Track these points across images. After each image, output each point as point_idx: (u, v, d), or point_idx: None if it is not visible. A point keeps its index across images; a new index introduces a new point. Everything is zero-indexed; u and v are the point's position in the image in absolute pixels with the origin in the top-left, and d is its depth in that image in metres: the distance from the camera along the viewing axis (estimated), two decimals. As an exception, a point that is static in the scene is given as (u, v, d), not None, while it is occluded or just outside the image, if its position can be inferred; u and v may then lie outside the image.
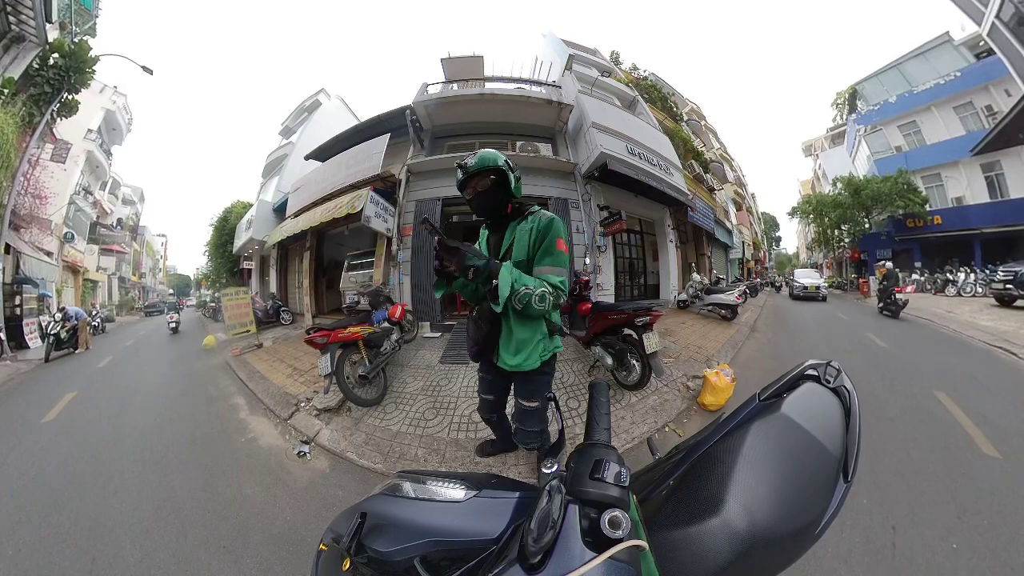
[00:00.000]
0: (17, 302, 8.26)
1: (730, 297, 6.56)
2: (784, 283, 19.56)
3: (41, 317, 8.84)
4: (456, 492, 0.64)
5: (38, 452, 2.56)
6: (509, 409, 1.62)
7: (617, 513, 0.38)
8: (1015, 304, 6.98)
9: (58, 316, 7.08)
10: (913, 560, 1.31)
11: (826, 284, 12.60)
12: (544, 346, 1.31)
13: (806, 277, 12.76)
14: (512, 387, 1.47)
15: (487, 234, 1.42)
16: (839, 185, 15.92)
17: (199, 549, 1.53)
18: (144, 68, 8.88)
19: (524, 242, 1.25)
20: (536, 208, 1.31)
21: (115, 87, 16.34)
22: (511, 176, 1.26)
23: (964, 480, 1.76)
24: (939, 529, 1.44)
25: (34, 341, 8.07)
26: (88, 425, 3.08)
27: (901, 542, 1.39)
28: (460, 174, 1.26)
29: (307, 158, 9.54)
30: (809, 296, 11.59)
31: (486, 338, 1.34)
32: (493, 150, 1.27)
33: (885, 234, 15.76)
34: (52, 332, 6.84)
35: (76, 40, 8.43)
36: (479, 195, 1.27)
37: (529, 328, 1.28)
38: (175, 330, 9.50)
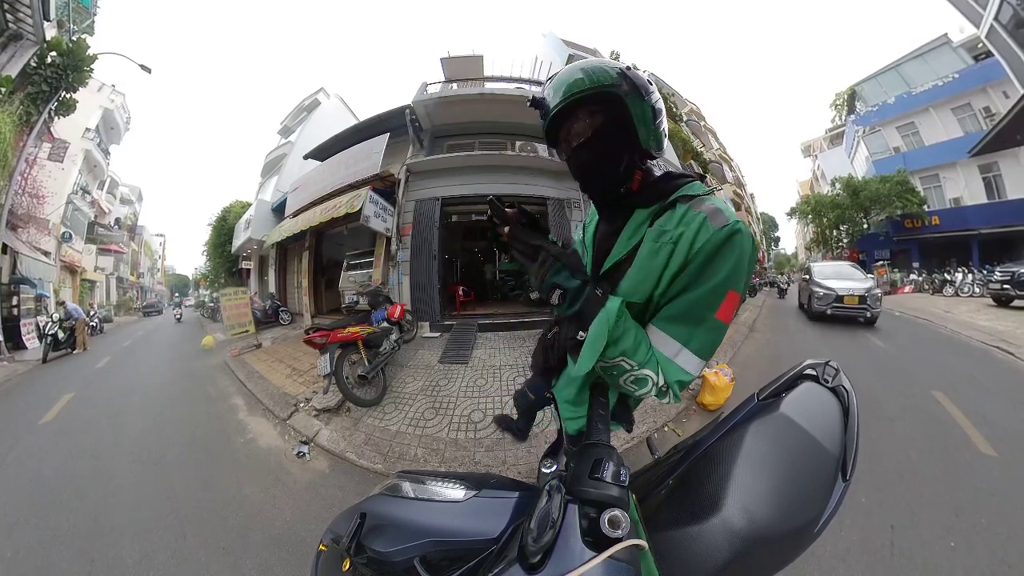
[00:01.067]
0: (14, 302, 8.22)
1: (729, 297, 6.52)
2: (787, 284, 13.40)
3: (39, 317, 8.81)
4: (456, 492, 0.64)
5: (36, 453, 2.55)
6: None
7: (616, 512, 0.38)
8: (1012, 304, 7.01)
9: (55, 316, 7.07)
10: (912, 559, 1.32)
11: (879, 291, 6.18)
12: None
13: (840, 279, 6.58)
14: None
15: (596, 222, 0.78)
16: (837, 186, 15.98)
17: (198, 550, 1.52)
18: (143, 67, 8.85)
19: (655, 265, 0.59)
20: (699, 191, 0.62)
21: (113, 86, 16.28)
22: (640, 108, 0.59)
23: (962, 479, 1.77)
24: (937, 528, 1.45)
25: (31, 341, 8.04)
26: (87, 426, 3.07)
27: (900, 541, 1.39)
28: (541, 117, 0.64)
29: (306, 157, 9.52)
30: (846, 314, 6.08)
31: (551, 370, 0.87)
32: (600, 60, 0.60)
33: (883, 234, 15.81)
34: (50, 332, 6.80)
35: (74, 38, 8.40)
36: (576, 152, 0.63)
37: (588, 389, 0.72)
38: (179, 319, 13.67)
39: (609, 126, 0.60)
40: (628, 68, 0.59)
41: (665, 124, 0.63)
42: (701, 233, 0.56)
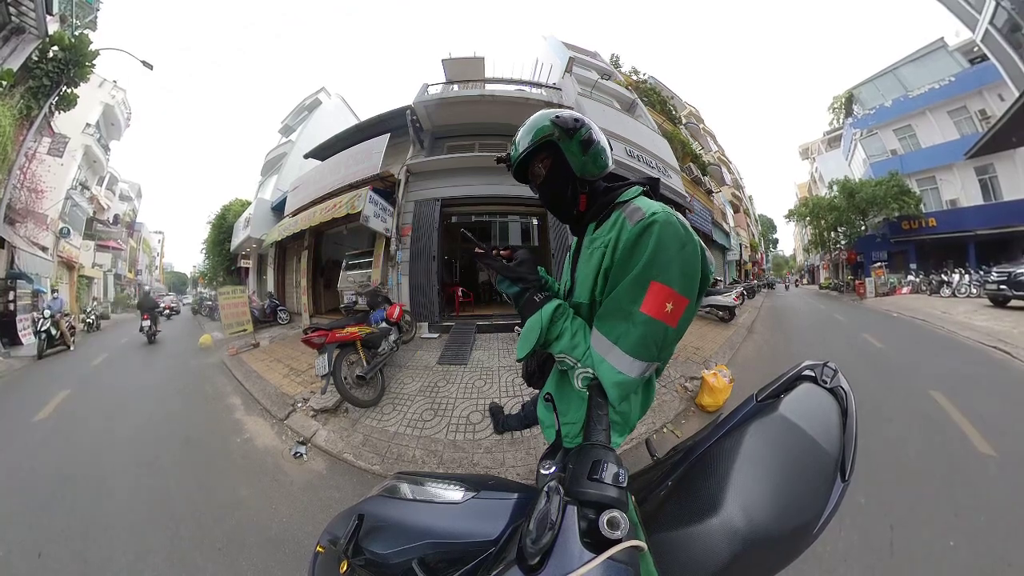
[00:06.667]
0: (11, 297, 8.17)
1: (728, 299, 6.60)
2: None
3: (34, 313, 8.75)
4: (454, 493, 0.64)
5: (30, 451, 2.53)
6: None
7: (616, 514, 0.38)
8: (1009, 304, 7.05)
9: (47, 312, 7.09)
10: (912, 558, 1.32)
11: None
12: (571, 430, 0.76)
13: None
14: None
15: (575, 243, 0.86)
16: (835, 188, 16.05)
17: (193, 551, 1.51)
18: (144, 63, 8.82)
19: (590, 268, 0.68)
20: (631, 195, 0.69)
21: (115, 81, 16.21)
22: (568, 146, 0.69)
23: (961, 478, 1.77)
24: (937, 527, 1.45)
25: (27, 337, 7.98)
26: (81, 424, 3.04)
27: (899, 540, 1.39)
28: (508, 170, 0.80)
29: (306, 157, 9.51)
30: None
31: (532, 375, 0.92)
32: (543, 112, 0.73)
33: (881, 236, 15.89)
34: (43, 329, 6.80)
35: (76, 33, 8.36)
36: (539, 190, 0.78)
37: (567, 399, 0.76)
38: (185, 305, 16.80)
39: (554, 166, 0.73)
40: (557, 117, 0.71)
41: (602, 146, 0.72)
42: (622, 233, 0.61)
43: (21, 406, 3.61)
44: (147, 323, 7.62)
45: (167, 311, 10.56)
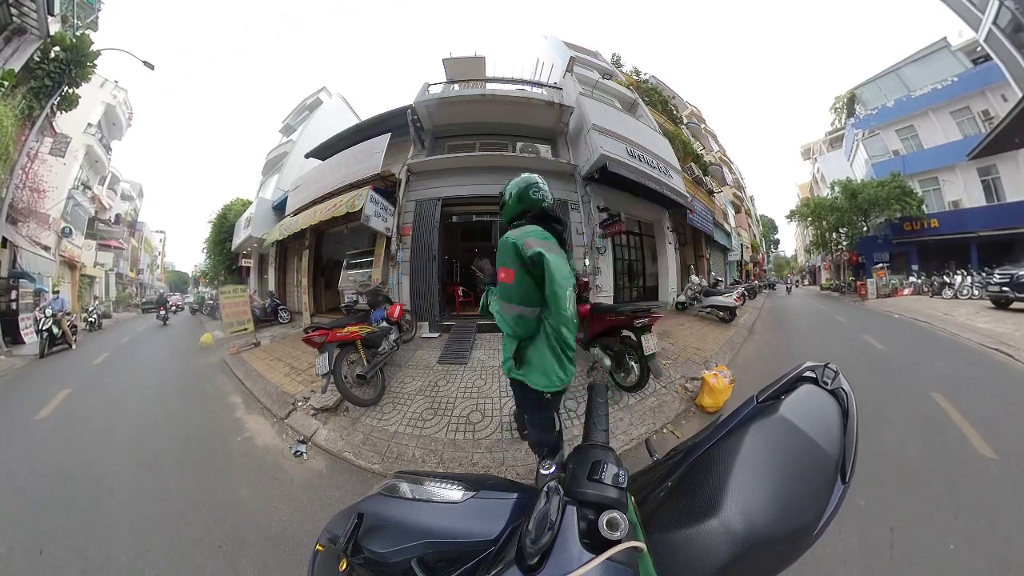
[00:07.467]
0: (13, 297, 8.20)
1: (728, 299, 6.58)
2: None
3: (36, 312, 8.79)
4: (453, 493, 0.64)
5: (31, 450, 2.54)
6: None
7: (615, 514, 0.38)
8: (1011, 306, 7.02)
9: (48, 311, 7.12)
10: (911, 560, 1.32)
11: None
12: (509, 366, 1.33)
13: None
14: None
15: None
16: (836, 189, 16.00)
17: (194, 549, 1.51)
18: (145, 63, 8.84)
19: None
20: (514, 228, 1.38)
21: (116, 81, 16.24)
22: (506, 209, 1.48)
23: (961, 480, 1.77)
24: (937, 529, 1.45)
25: (30, 336, 8.00)
26: (82, 423, 3.05)
27: (899, 543, 1.39)
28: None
29: (307, 156, 9.52)
30: None
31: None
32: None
33: (882, 237, 15.84)
34: (44, 328, 6.83)
35: (78, 34, 8.39)
36: None
37: (506, 343, 1.38)
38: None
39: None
40: (503, 193, 1.50)
41: (505, 211, 1.48)
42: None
43: (22, 405, 3.63)
44: (162, 312, 11.86)
45: (174, 307, 14.75)
